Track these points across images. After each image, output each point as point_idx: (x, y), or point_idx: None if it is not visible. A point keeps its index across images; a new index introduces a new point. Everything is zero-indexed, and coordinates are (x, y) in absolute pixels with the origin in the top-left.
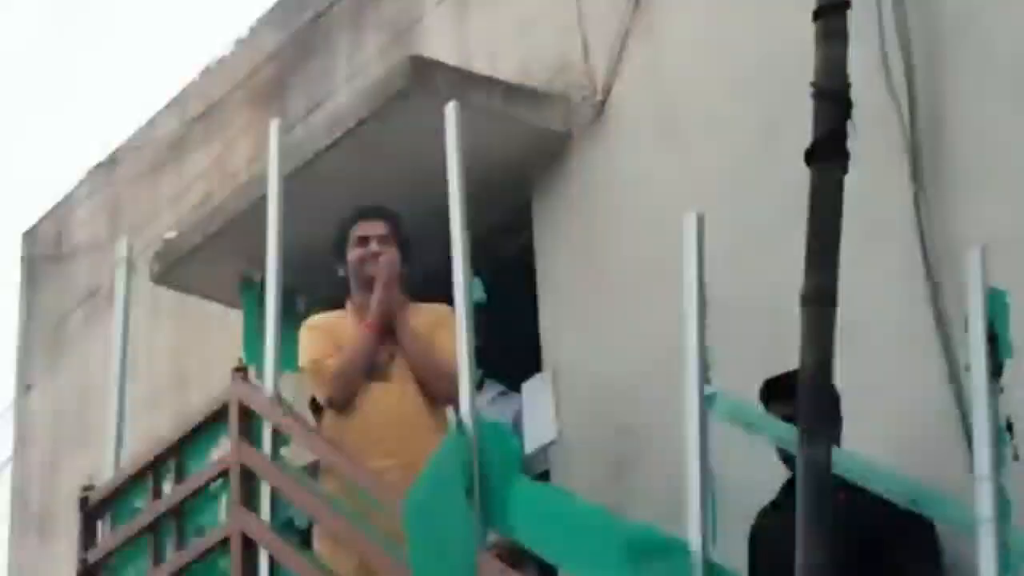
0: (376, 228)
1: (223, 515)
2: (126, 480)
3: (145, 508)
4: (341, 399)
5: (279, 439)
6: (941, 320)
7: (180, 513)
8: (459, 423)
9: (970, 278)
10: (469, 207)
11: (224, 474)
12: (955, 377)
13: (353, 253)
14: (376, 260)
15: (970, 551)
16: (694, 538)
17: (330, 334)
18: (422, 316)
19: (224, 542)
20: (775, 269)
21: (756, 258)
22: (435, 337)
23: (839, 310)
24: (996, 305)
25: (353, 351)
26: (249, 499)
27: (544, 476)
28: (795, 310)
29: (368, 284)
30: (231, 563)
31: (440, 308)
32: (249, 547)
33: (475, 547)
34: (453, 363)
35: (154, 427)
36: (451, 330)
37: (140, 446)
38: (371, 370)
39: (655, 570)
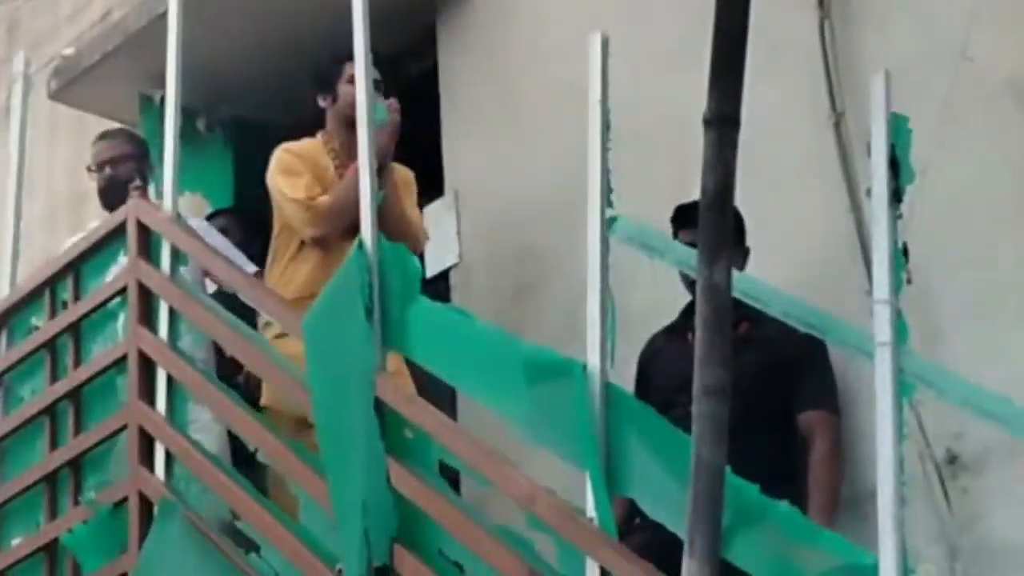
0: (374, 72)
1: (121, 334)
2: (23, 297)
3: (42, 326)
4: (332, 235)
5: (178, 258)
6: (843, 147)
7: (77, 331)
8: (359, 244)
9: (873, 103)
10: (373, 29)
11: (122, 292)
12: (856, 205)
13: (348, 91)
14: None
15: (866, 375)
16: (592, 359)
17: (312, 166)
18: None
19: (121, 360)
20: (679, 93)
21: (660, 82)
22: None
23: (741, 135)
24: (899, 131)
25: (348, 192)
26: (147, 317)
27: None
28: (699, 135)
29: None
30: (128, 381)
31: (401, 169)
32: (147, 365)
33: (373, 367)
34: (419, 228)
35: (52, 245)
36: (413, 196)
37: (37, 264)
38: None
39: (552, 391)
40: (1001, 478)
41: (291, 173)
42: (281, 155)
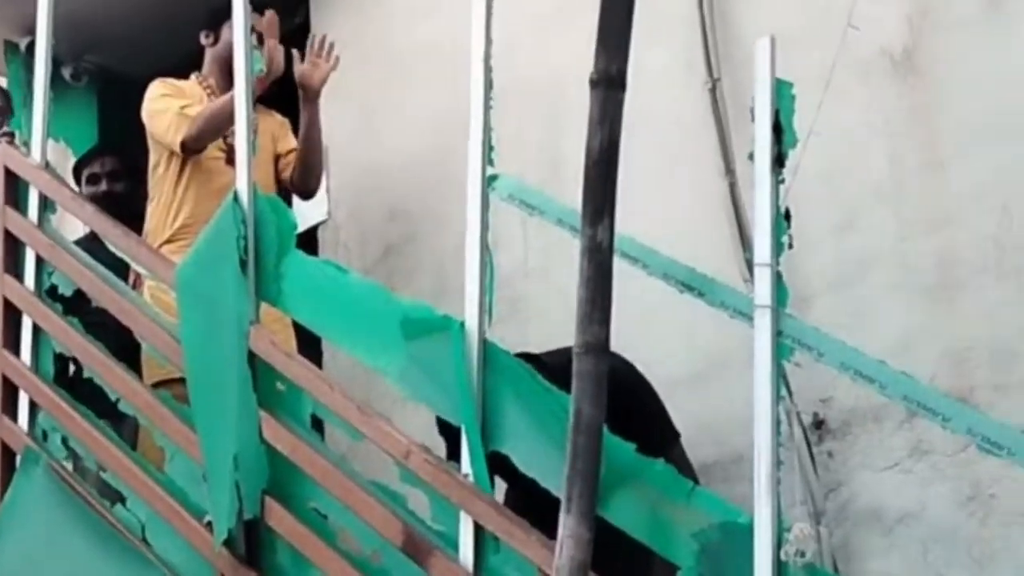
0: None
1: None
2: None
3: None
4: (196, 144)
5: (46, 206)
6: (718, 112)
7: None
8: (235, 195)
9: (757, 67)
10: None
11: None
12: (729, 169)
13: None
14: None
15: (739, 337)
16: (470, 317)
17: (185, 95)
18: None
19: None
20: (556, 54)
21: (537, 43)
22: None
23: None
24: (783, 96)
25: (224, 104)
26: (13, 265)
27: None
28: (574, 95)
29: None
30: None
31: (279, 117)
32: (12, 313)
33: (248, 320)
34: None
35: None
36: (292, 142)
37: None
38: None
39: (429, 347)
40: (865, 443)
41: (166, 97)
42: (157, 85)
